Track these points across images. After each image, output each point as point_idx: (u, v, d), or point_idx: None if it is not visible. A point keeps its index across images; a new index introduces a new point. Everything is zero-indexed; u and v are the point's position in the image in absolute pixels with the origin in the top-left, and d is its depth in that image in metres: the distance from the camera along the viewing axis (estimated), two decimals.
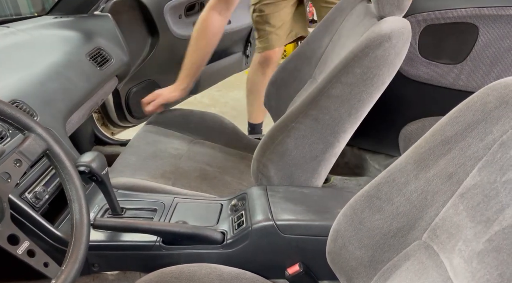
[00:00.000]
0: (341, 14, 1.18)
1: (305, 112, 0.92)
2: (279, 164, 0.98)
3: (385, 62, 0.84)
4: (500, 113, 0.58)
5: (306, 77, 1.27)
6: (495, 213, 0.54)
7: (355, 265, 0.76)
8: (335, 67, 0.89)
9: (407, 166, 0.69)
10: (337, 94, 0.88)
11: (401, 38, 0.85)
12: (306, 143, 0.93)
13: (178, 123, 1.46)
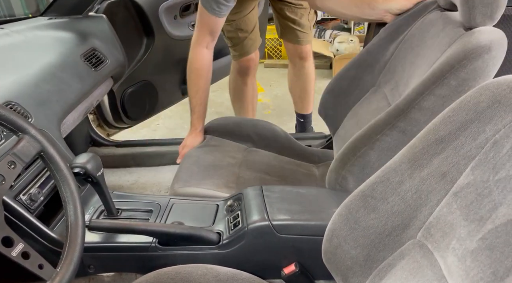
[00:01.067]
0: (407, 22, 1.15)
1: (392, 124, 0.89)
2: (359, 176, 0.95)
3: (482, 74, 0.81)
4: (493, 112, 0.58)
5: (368, 86, 1.24)
6: (488, 211, 0.54)
7: (350, 264, 0.76)
8: (427, 78, 0.86)
9: (402, 166, 0.69)
10: (428, 106, 0.86)
11: (500, 49, 0.82)
12: (389, 155, 0.89)
13: (230, 131, 1.44)
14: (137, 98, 1.67)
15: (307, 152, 1.43)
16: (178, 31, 1.77)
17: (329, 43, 3.63)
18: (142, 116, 1.82)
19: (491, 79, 0.63)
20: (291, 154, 1.41)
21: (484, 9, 0.82)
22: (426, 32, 1.04)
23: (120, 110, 1.74)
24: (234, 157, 1.32)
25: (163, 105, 1.87)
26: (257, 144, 1.41)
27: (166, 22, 1.71)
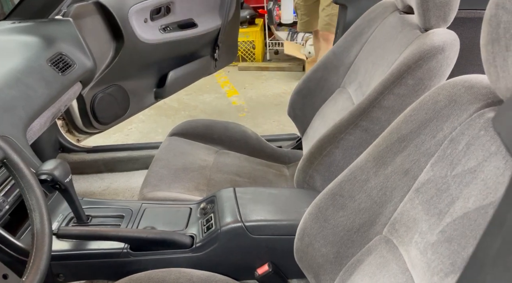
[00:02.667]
0: (370, 24, 1.18)
1: (355, 123, 0.92)
2: (325, 175, 0.98)
3: (437, 74, 0.85)
4: (449, 111, 0.61)
5: (333, 87, 1.27)
6: (446, 205, 0.57)
7: (321, 262, 0.78)
8: (387, 78, 0.89)
9: (367, 164, 0.72)
10: (388, 105, 0.89)
11: (453, 50, 0.86)
12: (354, 154, 0.93)
13: (201, 133, 1.44)
14: (108, 102, 1.64)
15: (277, 153, 1.45)
16: (149, 34, 1.75)
17: (301, 46, 3.68)
18: (113, 120, 1.78)
19: (448, 80, 0.66)
20: (262, 156, 1.43)
21: (438, 11, 0.87)
22: (386, 34, 1.08)
23: (90, 115, 1.71)
24: (205, 160, 1.32)
25: (135, 110, 1.83)
26: (228, 146, 1.42)
27: (136, 25, 1.68)
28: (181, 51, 1.84)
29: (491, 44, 0.49)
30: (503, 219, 0.20)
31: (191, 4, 1.86)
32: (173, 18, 1.79)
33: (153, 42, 1.71)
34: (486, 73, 0.53)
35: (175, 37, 1.78)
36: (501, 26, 0.46)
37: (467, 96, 0.60)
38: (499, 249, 0.19)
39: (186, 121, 1.46)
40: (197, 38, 1.85)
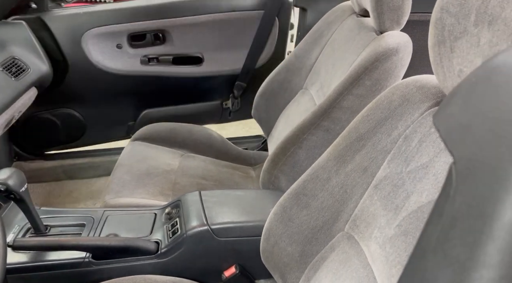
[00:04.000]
0: (329, 27, 1.21)
1: (317, 123, 0.94)
2: (290, 175, 0.99)
3: (393, 74, 0.89)
4: (403, 110, 0.64)
5: (296, 88, 1.29)
6: (402, 200, 0.59)
7: (287, 261, 0.79)
8: (346, 80, 0.92)
9: (328, 163, 0.74)
10: (348, 106, 0.92)
11: (406, 51, 0.89)
12: (316, 153, 0.94)
13: (165, 137, 1.40)
14: (48, 126, 1.51)
15: (243, 155, 1.46)
16: (120, 63, 1.52)
17: None
18: (51, 146, 1.63)
19: (401, 80, 0.69)
20: (227, 158, 1.42)
21: (392, 15, 0.91)
22: (344, 36, 1.11)
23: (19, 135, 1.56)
24: (170, 164, 1.30)
25: (97, 140, 1.66)
26: (193, 150, 1.40)
27: (94, 50, 1.49)
28: (169, 89, 1.61)
29: (438, 45, 0.52)
30: (441, 209, 0.22)
31: (201, 36, 1.53)
32: (168, 49, 1.54)
33: (123, 73, 1.52)
34: (434, 73, 0.56)
35: (162, 72, 1.55)
36: (445, 28, 0.49)
37: (419, 96, 0.63)
38: (438, 238, 0.21)
39: (149, 125, 1.43)
40: (200, 78, 1.59)
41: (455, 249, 0.20)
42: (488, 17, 0.41)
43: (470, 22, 0.44)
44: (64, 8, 1.52)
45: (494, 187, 0.19)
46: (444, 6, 0.49)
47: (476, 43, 0.44)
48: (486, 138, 0.21)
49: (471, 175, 0.21)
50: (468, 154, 0.21)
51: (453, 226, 0.21)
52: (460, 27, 0.46)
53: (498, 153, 0.20)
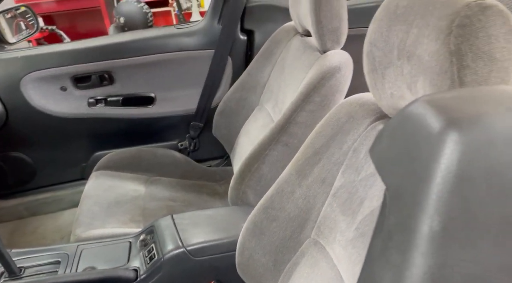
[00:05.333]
0: (277, 46, 1.30)
1: (276, 139, 1.02)
2: (257, 189, 1.05)
3: (338, 90, 0.99)
4: (350, 125, 0.73)
5: (253, 105, 1.36)
6: (357, 206, 0.68)
7: (262, 271, 0.85)
8: (297, 97, 1.00)
9: (291, 177, 0.81)
10: (302, 121, 1.00)
11: (348, 68, 0.99)
12: (279, 167, 1.01)
13: (129, 164, 1.39)
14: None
15: (208, 173, 1.50)
16: (65, 106, 1.47)
17: None
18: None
19: (346, 98, 0.78)
20: (193, 177, 1.46)
21: (332, 36, 1.01)
22: (292, 56, 1.21)
23: None
24: (136, 190, 1.32)
25: (50, 181, 1.61)
26: (158, 173, 1.42)
27: (35, 94, 1.43)
28: (121, 131, 1.56)
29: (371, 72, 0.61)
30: (381, 226, 0.29)
31: (152, 76, 1.49)
32: (117, 89, 1.49)
33: (69, 116, 1.48)
34: (372, 94, 0.65)
35: (112, 114, 1.50)
36: (376, 59, 0.58)
37: (361, 112, 0.72)
38: (380, 248, 0.28)
39: (112, 153, 1.43)
40: (153, 119, 1.55)
41: (392, 256, 0.27)
42: (406, 53, 0.50)
43: (394, 56, 0.53)
44: (2, 52, 1.45)
45: (414, 208, 0.27)
46: (372, 41, 0.58)
47: (401, 72, 0.53)
48: (405, 172, 0.28)
49: (398, 199, 0.28)
50: (395, 183, 0.29)
51: (390, 238, 0.28)
52: (387, 59, 0.55)
53: (414, 183, 0.27)
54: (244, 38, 1.50)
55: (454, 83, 0.42)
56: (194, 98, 1.53)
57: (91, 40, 1.46)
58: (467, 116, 0.26)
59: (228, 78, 1.53)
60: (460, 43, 0.41)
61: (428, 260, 0.26)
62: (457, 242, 0.25)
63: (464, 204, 0.25)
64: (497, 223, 0.26)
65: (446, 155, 0.25)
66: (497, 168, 0.26)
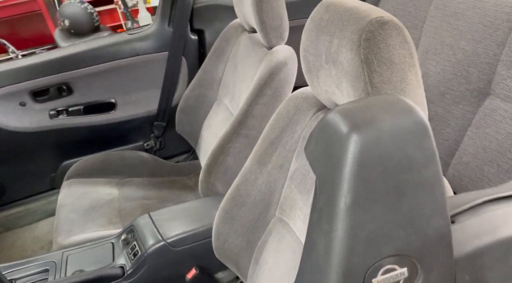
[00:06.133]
0: (228, 44, 1.37)
1: (237, 132, 1.11)
2: (224, 180, 1.15)
3: (286, 82, 1.09)
4: (298, 117, 0.84)
5: (211, 100, 1.44)
6: (310, 185, 0.80)
7: (237, 251, 0.96)
8: (251, 92, 1.09)
9: (253, 166, 0.92)
10: (257, 113, 1.10)
11: (293, 62, 1.10)
12: (242, 157, 1.12)
13: (99, 169, 1.44)
14: None
15: (177, 168, 1.58)
16: (27, 120, 1.46)
17: None
18: None
19: (293, 93, 0.89)
20: (163, 174, 1.54)
21: (275, 33, 1.11)
22: (242, 52, 1.30)
23: None
24: (110, 193, 1.38)
25: (22, 195, 1.61)
26: (128, 175, 1.48)
27: None
28: (86, 138, 1.58)
29: (308, 73, 0.72)
30: (315, 205, 0.40)
31: (110, 82, 1.51)
32: (77, 99, 1.51)
33: (32, 130, 1.47)
34: (312, 90, 0.76)
35: (74, 123, 1.52)
36: (310, 63, 0.69)
37: (306, 105, 0.83)
38: (316, 220, 0.39)
39: (80, 161, 1.47)
40: (116, 123, 1.58)
41: (323, 225, 0.38)
42: (331, 59, 0.61)
43: (323, 60, 0.64)
44: None
45: (334, 190, 0.38)
46: (305, 48, 0.69)
47: (329, 74, 0.64)
48: (326, 164, 0.39)
49: (324, 184, 0.39)
50: (320, 173, 0.40)
51: (321, 212, 0.39)
52: (318, 63, 0.66)
53: (332, 172, 0.38)
54: (195, 38, 1.57)
55: (366, 84, 0.53)
56: (154, 99, 1.59)
57: (46, 54, 1.47)
58: (363, 122, 0.37)
59: (184, 77, 1.59)
60: (367, 53, 0.52)
61: (346, 225, 0.37)
62: (362, 210, 0.36)
63: (365, 183, 0.37)
64: (389, 192, 0.37)
65: (351, 151, 0.36)
66: (385, 155, 0.37)
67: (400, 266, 0.37)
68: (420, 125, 0.36)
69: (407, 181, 0.37)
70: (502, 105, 0.89)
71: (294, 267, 0.82)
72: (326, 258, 0.37)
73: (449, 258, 0.38)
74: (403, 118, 0.37)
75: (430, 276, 0.37)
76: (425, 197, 0.37)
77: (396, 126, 0.37)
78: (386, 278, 0.37)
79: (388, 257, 0.37)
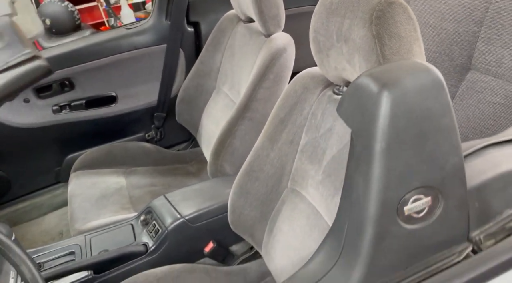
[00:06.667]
0: (224, 34, 1.44)
1: (242, 116, 1.18)
2: (231, 161, 1.22)
3: (286, 67, 1.17)
4: (306, 95, 0.93)
5: (210, 89, 1.50)
6: (321, 155, 0.89)
7: (252, 223, 1.04)
8: (254, 77, 1.16)
9: (264, 144, 1.00)
10: (261, 97, 1.17)
11: (291, 47, 1.18)
12: (247, 139, 1.20)
13: (104, 161, 1.48)
14: None
15: (178, 156, 1.65)
16: (32, 116, 1.49)
17: None
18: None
19: (300, 73, 0.97)
20: (166, 163, 1.60)
21: (273, 21, 1.19)
22: (239, 42, 1.37)
23: None
24: (118, 182, 1.44)
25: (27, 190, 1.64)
26: (133, 164, 1.54)
27: (4, 108, 1.42)
28: (89, 132, 1.61)
29: (318, 53, 0.80)
30: (352, 153, 0.48)
31: (110, 76, 1.56)
32: (79, 94, 1.55)
33: (36, 126, 1.50)
34: (320, 69, 0.85)
35: (77, 117, 1.56)
36: (320, 43, 0.77)
37: (313, 83, 0.92)
38: (355, 166, 0.48)
39: (85, 154, 1.51)
40: (118, 116, 1.62)
41: (361, 167, 0.47)
42: (343, 37, 0.70)
43: (334, 40, 0.73)
44: None
45: (369, 138, 0.47)
46: (316, 29, 0.77)
47: (341, 52, 0.73)
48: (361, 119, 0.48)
49: (360, 135, 0.48)
50: (356, 127, 0.49)
51: (359, 158, 0.48)
52: (329, 43, 0.75)
53: (367, 124, 0.47)
54: (192, 30, 1.62)
55: (379, 56, 0.62)
56: (154, 91, 1.64)
57: (48, 51, 1.50)
58: (391, 82, 0.46)
59: (182, 68, 1.65)
60: (379, 29, 0.61)
61: (381, 165, 0.46)
62: (394, 152, 0.45)
63: (395, 131, 0.46)
64: (415, 137, 0.46)
65: (383, 106, 0.45)
66: (410, 108, 0.46)
67: (426, 196, 0.46)
68: (437, 82, 0.46)
69: (428, 127, 0.46)
70: (482, 77, 1.01)
71: (309, 231, 0.91)
72: (365, 194, 0.46)
73: (463, 189, 0.47)
74: (423, 76, 0.46)
75: (449, 202, 0.47)
76: (443, 140, 0.46)
77: (418, 84, 0.46)
78: (415, 206, 0.47)
79: (416, 189, 0.46)
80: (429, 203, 0.47)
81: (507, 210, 0.51)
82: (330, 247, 0.56)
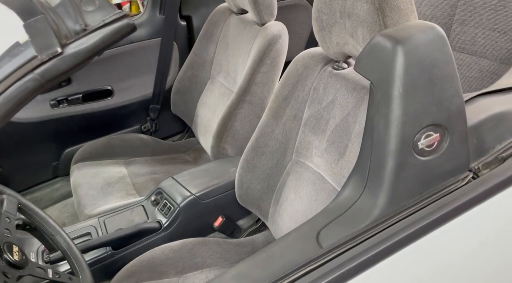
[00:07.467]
0: (216, 27, 1.51)
1: (242, 99, 1.27)
2: (233, 143, 1.30)
3: (281, 52, 1.27)
4: (307, 73, 1.02)
5: (205, 79, 1.56)
6: (324, 125, 0.98)
7: (259, 195, 1.12)
8: (252, 62, 1.25)
9: (269, 120, 1.08)
10: (259, 81, 1.26)
11: (285, 35, 1.27)
12: (247, 122, 1.28)
13: (103, 152, 1.52)
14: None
15: (175, 146, 1.70)
16: (30, 111, 1.50)
17: None
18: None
19: (300, 53, 1.06)
20: (163, 152, 1.65)
21: (267, 11, 1.28)
22: (233, 32, 1.45)
23: None
24: (120, 172, 1.48)
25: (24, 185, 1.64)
26: (132, 155, 1.59)
27: None
28: (86, 125, 1.63)
29: (321, 31, 0.90)
30: (372, 101, 0.57)
31: (106, 70, 1.58)
32: (76, 88, 1.57)
33: (34, 120, 1.52)
34: (320, 46, 0.94)
35: (75, 111, 1.57)
36: (323, 22, 0.87)
37: (313, 62, 1.01)
38: (374, 111, 0.57)
39: (84, 146, 1.55)
40: (114, 109, 1.64)
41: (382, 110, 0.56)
42: (346, 13, 0.80)
43: (337, 17, 0.83)
44: None
45: (388, 86, 0.57)
46: (319, 9, 0.87)
47: (344, 27, 0.82)
48: (379, 70, 0.57)
49: (379, 85, 0.58)
50: (376, 78, 0.58)
51: (379, 103, 0.57)
52: (331, 20, 0.84)
53: (385, 75, 0.57)
54: (184, 24, 1.69)
55: (381, 27, 0.72)
56: (148, 83, 1.70)
57: None
58: (403, 38, 0.56)
59: (176, 61, 1.71)
60: (381, 2, 0.71)
61: (400, 106, 0.56)
62: (409, 95, 0.55)
63: (410, 78, 0.55)
64: (425, 83, 0.56)
65: (399, 57, 0.55)
66: (421, 58, 0.56)
67: (435, 132, 0.57)
68: (441, 37, 0.56)
69: (436, 74, 0.56)
70: (458, 55, 1.14)
71: (315, 194, 1.00)
72: (386, 132, 0.56)
73: (464, 126, 0.58)
74: (429, 32, 0.56)
75: (453, 137, 0.57)
76: (448, 85, 0.56)
77: (426, 38, 0.56)
78: (427, 141, 0.56)
79: (427, 126, 0.56)
80: (437, 138, 0.57)
81: (498, 145, 0.62)
82: (354, 182, 0.65)
